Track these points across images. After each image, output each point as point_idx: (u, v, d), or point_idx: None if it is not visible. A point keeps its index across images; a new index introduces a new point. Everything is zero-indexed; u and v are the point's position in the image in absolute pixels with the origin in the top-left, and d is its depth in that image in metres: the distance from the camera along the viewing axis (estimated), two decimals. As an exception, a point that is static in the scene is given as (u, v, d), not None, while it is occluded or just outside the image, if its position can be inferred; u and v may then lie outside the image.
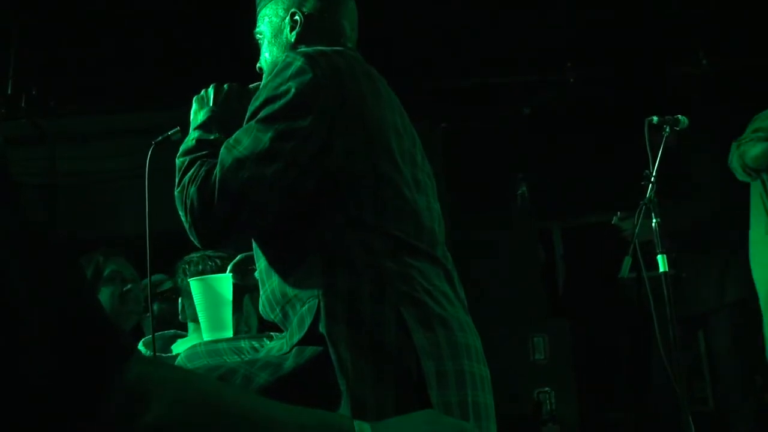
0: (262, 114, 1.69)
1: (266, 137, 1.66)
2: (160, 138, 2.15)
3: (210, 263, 2.87)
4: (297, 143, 1.66)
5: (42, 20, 4.68)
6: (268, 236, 1.77)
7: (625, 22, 5.20)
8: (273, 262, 1.76)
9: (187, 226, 1.70)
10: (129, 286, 3.36)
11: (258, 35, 2.02)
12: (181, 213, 1.72)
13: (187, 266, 2.95)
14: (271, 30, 1.97)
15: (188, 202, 1.68)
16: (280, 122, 1.67)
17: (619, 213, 3.93)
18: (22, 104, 4.89)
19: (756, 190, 3.91)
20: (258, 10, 2.02)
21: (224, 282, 2.24)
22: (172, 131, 2.13)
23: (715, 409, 5.25)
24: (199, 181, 1.67)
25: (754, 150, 3.78)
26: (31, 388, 0.79)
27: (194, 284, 2.28)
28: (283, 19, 1.96)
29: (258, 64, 2.02)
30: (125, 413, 0.84)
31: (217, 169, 1.66)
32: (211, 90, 1.93)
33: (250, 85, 1.98)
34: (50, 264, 0.87)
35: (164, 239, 2.24)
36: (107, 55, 5.02)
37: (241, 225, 1.68)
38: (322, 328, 1.60)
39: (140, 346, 2.76)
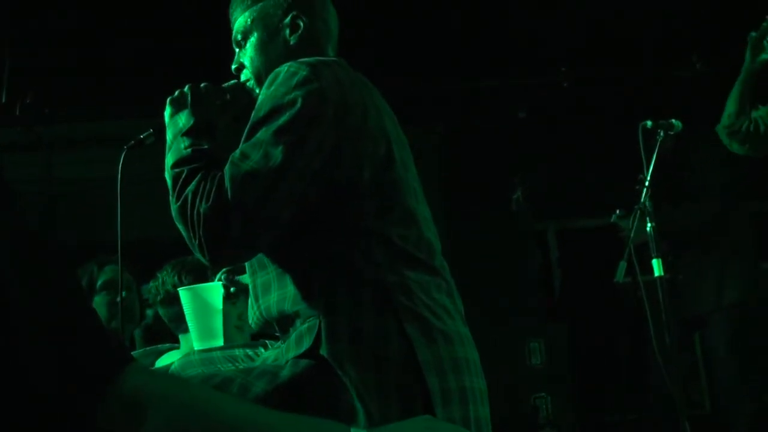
0: (269, 126, 1.64)
1: (277, 151, 1.60)
2: (132, 142, 2.08)
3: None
4: (308, 155, 1.62)
5: (36, 27, 4.68)
6: (267, 251, 1.72)
7: (619, 26, 5.22)
8: (272, 279, 1.72)
9: (195, 243, 1.62)
10: (123, 294, 3.33)
11: (240, 34, 1.92)
12: (184, 229, 1.64)
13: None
14: (266, 30, 1.90)
15: (198, 219, 1.60)
16: (289, 134, 1.62)
17: (618, 211, 3.93)
18: (17, 112, 4.89)
19: None
20: (236, 7, 1.94)
21: (214, 291, 2.21)
22: (144, 134, 2.05)
23: (711, 412, 5.26)
24: (210, 198, 1.59)
25: (731, 148, 3.80)
26: (27, 395, 0.80)
27: (183, 294, 2.24)
28: (281, 20, 1.89)
29: (234, 65, 1.94)
30: (122, 422, 0.84)
31: (228, 184, 1.59)
32: (188, 90, 1.84)
33: (225, 84, 1.91)
34: (48, 272, 0.87)
35: (161, 246, 2.24)
36: (102, 61, 5.02)
37: (253, 242, 1.63)
38: (323, 351, 1.58)
39: None
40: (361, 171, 1.68)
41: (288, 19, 1.89)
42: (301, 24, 1.89)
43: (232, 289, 2.23)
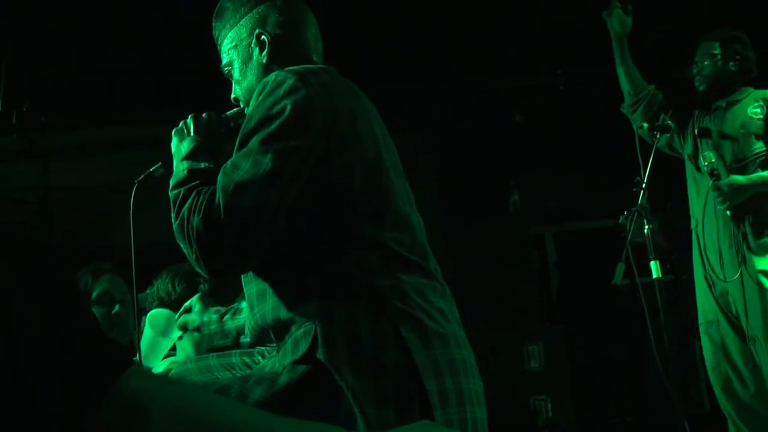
0: (258, 135, 1.65)
1: (267, 158, 1.62)
2: (142, 176, 2.13)
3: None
4: (298, 162, 1.64)
5: (32, 35, 4.68)
6: (262, 260, 1.72)
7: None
8: (266, 286, 1.73)
9: (193, 258, 1.64)
10: (117, 308, 3.30)
11: (226, 68, 1.96)
12: (184, 245, 1.66)
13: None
14: (240, 57, 1.93)
15: (193, 233, 1.62)
16: (278, 142, 1.63)
17: (626, 212, 3.96)
18: (13, 119, 4.88)
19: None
20: (219, 44, 1.98)
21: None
22: (154, 167, 2.10)
23: (711, 412, 5.26)
24: (202, 211, 1.61)
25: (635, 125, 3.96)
26: (27, 399, 0.79)
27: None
28: (249, 43, 1.91)
29: (233, 95, 1.98)
30: (123, 425, 0.84)
31: (219, 195, 1.61)
32: (190, 120, 1.89)
33: (227, 113, 1.95)
34: (47, 278, 0.87)
35: (158, 251, 2.25)
36: (98, 68, 5.02)
37: (250, 251, 1.64)
38: (319, 355, 1.58)
39: None
40: (352, 176, 1.68)
41: (254, 39, 1.91)
42: (266, 39, 1.90)
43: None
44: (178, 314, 2.26)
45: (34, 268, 0.86)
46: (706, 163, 3.73)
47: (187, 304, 2.26)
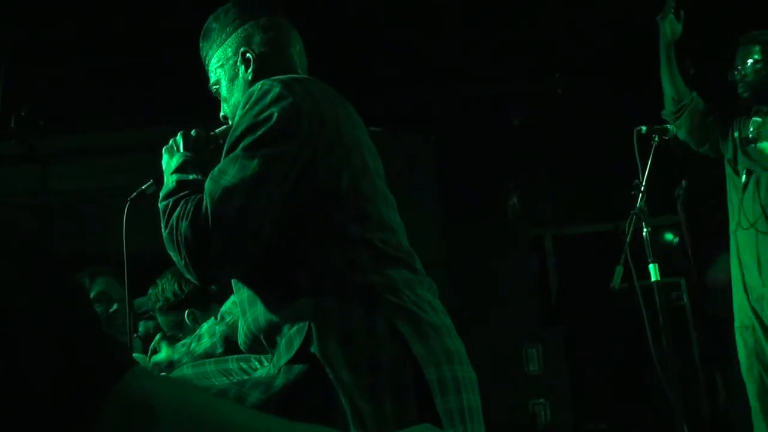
0: (245, 141, 1.68)
1: (254, 163, 1.65)
2: (134, 194, 2.17)
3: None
4: (285, 166, 1.67)
5: (30, 40, 4.68)
6: (251, 263, 1.73)
7: (613, 31, 5.24)
8: (257, 290, 1.75)
9: (182, 264, 1.66)
10: (115, 306, 3.31)
11: (214, 87, 2.02)
12: (173, 253, 1.68)
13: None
14: (227, 75, 1.98)
15: (181, 239, 1.64)
16: (266, 147, 1.66)
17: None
18: (12, 124, 4.89)
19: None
20: (207, 64, 2.04)
21: None
22: (146, 185, 2.14)
23: (710, 414, 5.26)
24: (189, 217, 1.64)
25: (680, 135, 3.95)
26: (28, 399, 0.80)
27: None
28: (235, 62, 1.96)
29: (221, 113, 2.02)
30: (127, 425, 0.84)
31: (207, 201, 1.63)
32: (179, 138, 1.93)
33: (216, 130, 1.98)
34: (49, 277, 0.87)
35: (153, 259, 2.26)
36: (97, 72, 5.03)
37: (237, 255, 1.65)
38: (314, 350, 1.60)
39: None
40: (339, 180, 1.72)
41: (239, 57, 1.96)
42: (251, 57, 1.95)
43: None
44: (148, 356, 2.31)
45: (35, 267, 0.86)
46: (752, 129, 3.73)
47: (152, 345, 2.33)
